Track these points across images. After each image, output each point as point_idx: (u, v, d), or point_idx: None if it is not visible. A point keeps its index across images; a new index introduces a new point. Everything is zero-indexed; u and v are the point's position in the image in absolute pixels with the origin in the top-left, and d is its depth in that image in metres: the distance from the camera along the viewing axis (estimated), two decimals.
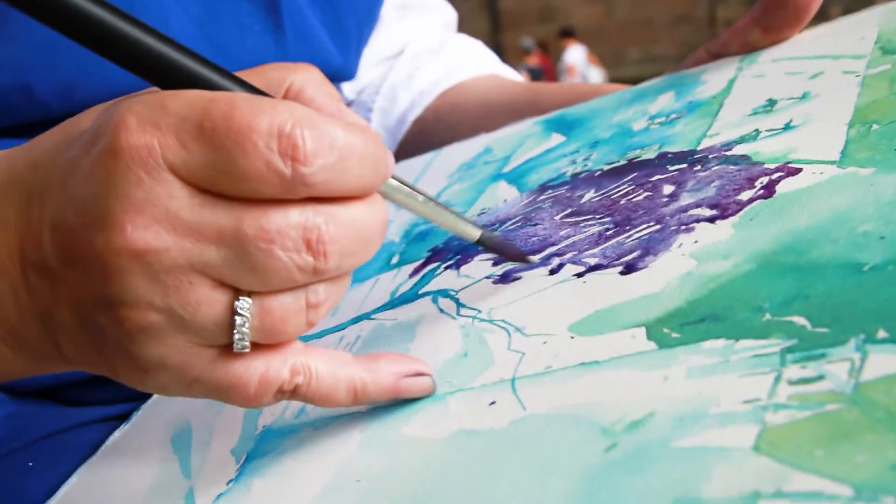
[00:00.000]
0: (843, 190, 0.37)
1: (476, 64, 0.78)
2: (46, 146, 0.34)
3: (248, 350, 0.33)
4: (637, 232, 0.41)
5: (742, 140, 0.44)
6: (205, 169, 0.30)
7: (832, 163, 0.39)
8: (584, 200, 0.46)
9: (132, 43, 0.32)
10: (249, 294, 0.33)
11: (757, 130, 0.44)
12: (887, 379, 0.27)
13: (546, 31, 8.23)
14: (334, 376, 0.36)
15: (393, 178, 0.36)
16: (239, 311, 0.32)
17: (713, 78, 0.52)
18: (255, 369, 0.34)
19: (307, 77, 0.37)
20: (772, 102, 0.46)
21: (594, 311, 0.38)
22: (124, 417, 0.52)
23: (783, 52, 0.51)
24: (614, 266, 0.40)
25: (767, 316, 0.32)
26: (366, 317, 0.48)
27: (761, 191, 0.39)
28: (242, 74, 0.35)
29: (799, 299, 0.32)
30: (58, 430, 0.52)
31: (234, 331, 0.32)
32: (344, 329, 0.48)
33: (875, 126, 0.40)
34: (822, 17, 0.46)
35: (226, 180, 0.30)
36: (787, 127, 0.43)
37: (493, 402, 0.36)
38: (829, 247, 0.34)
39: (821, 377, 0.29)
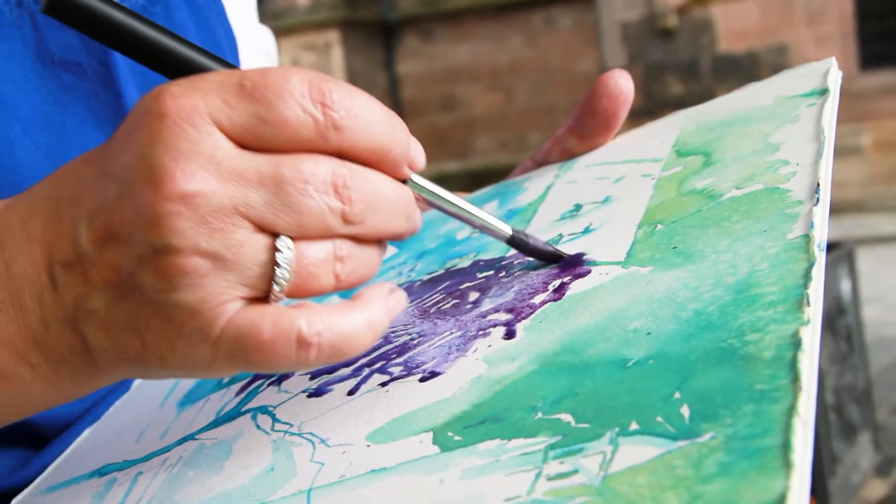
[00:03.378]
0: (622, 289, 0.38)
1: None
2: (69, 165, 0.37)
3: (284, 291, 0.35)
4: (440, 339, 0.42)
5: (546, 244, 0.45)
6: (248, 119, 0.34)
7: (617, 263, 0.40)
8: None
9: (160, 47, 0.37)
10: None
11: (560, 235, 0.46)
12: (632, 469, 0.28)
13: (448, 119, 8.41)
14: (350, 321, 0.36)
15: (417, 175, 0.39)
16: (280, 247, 0.34)
17: (533, 185, 0.54)
18: (269, 314, 0.35)
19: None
20: (578, 207, 0.48)
21: (391, 418, 0.38)
22: None
23: (595, 157, 0.53)
24: (414, 374, 0.40)
25: (539, 415, 0.33)
26: (190, 437, 0.47)
27: (553, 293, 0.40)
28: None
29: (569, 397, 0.33)
30: None
31: (276, 267, 0.34)
32: (169, 451, 0.47)
33: (660, 226, 0.41)
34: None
35: (268, 128, 0.34)
36: (586, 230, 0.45)
37: None
38: (602, 344, 0.35)
39: (575, 471, 0.29)
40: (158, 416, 0.53)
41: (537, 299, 0.41)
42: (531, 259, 0.45)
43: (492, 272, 0.46)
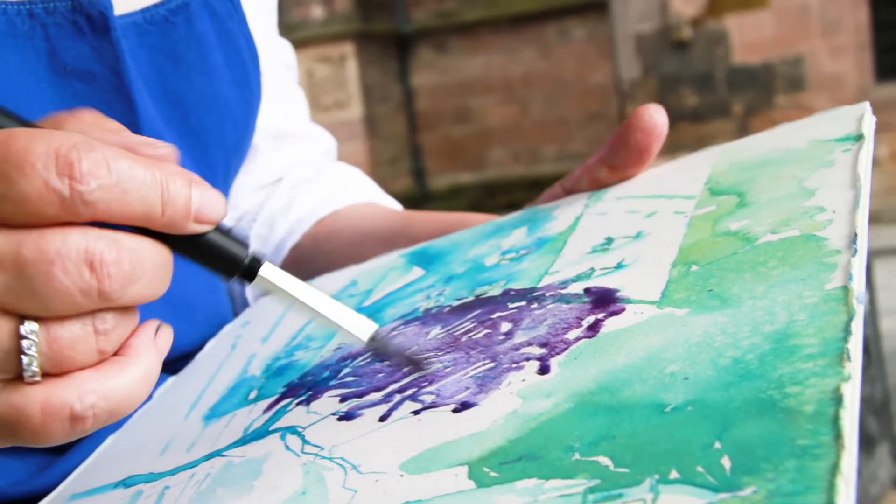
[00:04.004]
0: (658, 330, 0.38)
1: (353, 192, 0.80)
2: None
3: (38, 377, 0.33)
4: (473, 369, 0.42)
5: (578, 278, 0.46)
6: None
7: (652, 303, 0.40)
8: (429, 337, 0.47)
9: None
10: (36, 320, 0.32)
11: (592, 269, 0.46)
12: None
13: (463, 131, 8.42)
14: (123, 381, 0.35)
15: (272, 265, 0.37)
16: (25, 334, 0.32)
17: (563, 214, 0.54)
18: (35, 397, 0.33)
19: (79, 124, 0.37)
20: (609, 241, 0.48)
21: (425, 448, 0.38)
22: None
23: (626, 190, 0.53)
24: (447, 404, 0.40)
25: (577, 455, 0.33)
26: (218, 453, 0.48)
27: (587, 330, 0.41)
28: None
29: (606, 439, 0.33)
30: None
31: (22, 355, 0.32)
32: (196, 466, 0.48)
33: (694, 267, 0.42)
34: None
35: (7, 204, 0.31)
36: (619, 266, 0.45)
37: None
38: (639, 386, 0.35)
39: None
40: (183, 429, 0.53)
41: (571, 335, 0.41)
42: (563, 291, 0.45)
43: (523, 303, 0.46)
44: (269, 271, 0.38)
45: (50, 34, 0.56)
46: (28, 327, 0.32)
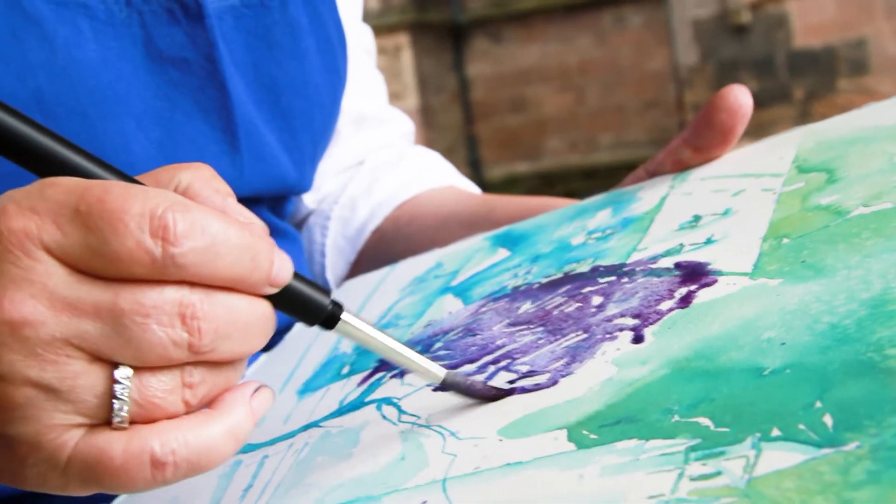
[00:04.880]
0: (752, 300, 0.39)
1: (434, 175, 0.82)
2: None
3: (125, 423, 0.33)
4: (566, 340, 0.44)
5: (667, 254, 0.47)
6: (80, 250, 0.32)
7: (745, 274, 0.41)
8: (521, 311, 0.49)
9: (10, 133, 0.34)
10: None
11: (681, 244, 0.47)
12: (778, 473, 0.29)
13: (518, 121, 8.40)
14: (208, 433, 0.35)
15: (350, 314, 0.38)
16: (119, 379, 0.33)
17: (647, 195, 0.55)
18: (118, 440, 0.34)
19: (195, 174, 0.37)
20: (697, 218, 0.49)
21: (522, 415, 0.40)
22: None
23: (711, 170, 0.54)
24: (542, 373, 0.42)
25: (676, 417, 0.34)
26: (314, 424, 0.50)
27: (680, 301, 0.42)
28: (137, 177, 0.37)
29: (705, 402, 0.34)
30: None
31: (114, 399, 0.33)
32: (294, 436, 0.50)
33: (786, 240, 0.43)
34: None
35: (100, 261, 0.32)
36: (709, 241, 0.46)
37: (424, 502, 0.37)
38: (735, 353, 0.36)
39: (718, 473, 0.31)
40: (278, 402, 0.55)
41: (664, 306, 0.42)
42: (653, 266, 0.46)
43: (613, 278, 0.47)
44: (349, 318, 0.39)
45: (146, 22, 0.58)
46: (122, 373, 0.33)
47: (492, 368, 0.45)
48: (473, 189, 0.82)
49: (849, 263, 0.38)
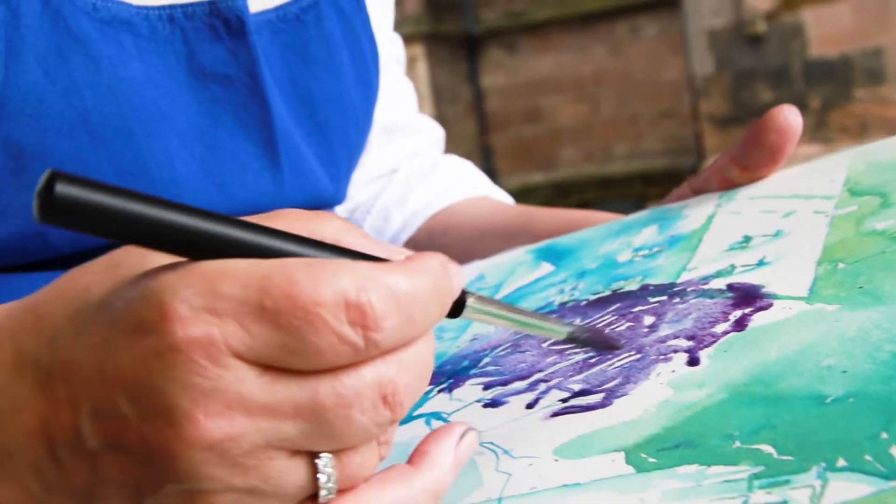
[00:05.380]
0: (809, 325, 0.39)
1: (467, 186, 0.82)
2: (58, 319, 0.32)
3: (332, 493, 0.32)
4: (619, 360, 0.44)
5: (718, 274, 0.47)
6: (273, 350, 0.29)
7: (801, 299, 0.41)
8: None
9: (154, 223, 0.29)
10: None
11: (733, 265, 0.47)
12: None
13: (533, 131, 8.39)
14: (410, 492, 0.34)
15: (470, 294, 0.37)
16: (322, 469, 0.32)
17: (693, 213, 0.55)
18: None
19: (335, 227, 0.35)
20: (747, 239, 0.49)
21: (577, 435, 0.40)
22: None
23: (759, 190, 0.54)
24: (596, 393, 0.42)
25: (737, 443, 0.35)
26: None
27: (735, 324, 0.42)
28: (263, 220, 0.33)
29: (767, 428, 0.35)
30: None
31: (321, 488, 0.32)
32: None
33: (841, 265, 0.43)
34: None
35: (297, 358, 0.29)
36: (761, 263, 0.46)
37: None
38: (795, 379, 0.37)
39: (784, 502, 0.31)
40: None
41: (718, 328, 0.42)
42: (705, 287, 0.46)
43: (664, 297, 0.47)
44: (475, 303, 0.38)
45: (189, 38, 0.58)
46: (324, 461, 0.31)
47: (543, 386, 0.45)
48: (507, 199, 0.82)
49: None
